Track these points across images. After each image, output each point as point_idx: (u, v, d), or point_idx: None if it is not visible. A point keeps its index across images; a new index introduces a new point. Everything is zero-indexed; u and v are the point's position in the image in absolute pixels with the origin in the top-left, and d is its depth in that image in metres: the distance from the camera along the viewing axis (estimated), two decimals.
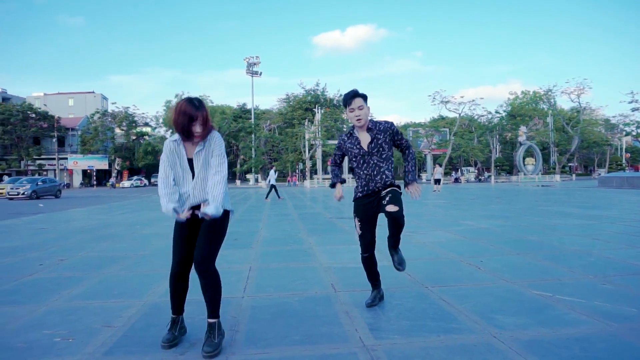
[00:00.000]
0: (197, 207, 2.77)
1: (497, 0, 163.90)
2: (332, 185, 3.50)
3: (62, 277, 4.66)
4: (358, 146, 3.24)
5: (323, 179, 45.48)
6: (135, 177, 54.99)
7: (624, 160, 66.69)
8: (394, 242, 3.30)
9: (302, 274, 4.60)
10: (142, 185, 52.80)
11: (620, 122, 57.94)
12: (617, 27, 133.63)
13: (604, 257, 5.07)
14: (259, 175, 52.67)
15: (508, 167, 62.67)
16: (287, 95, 64.94)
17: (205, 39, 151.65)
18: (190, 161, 2.72)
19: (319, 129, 48.14)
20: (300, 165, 54.63)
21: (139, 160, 57.83)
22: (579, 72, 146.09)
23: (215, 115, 62.10)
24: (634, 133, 59.02)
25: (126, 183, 52.26)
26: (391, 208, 3.04)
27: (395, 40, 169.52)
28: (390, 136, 3.23)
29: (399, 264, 3.28)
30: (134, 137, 58.81)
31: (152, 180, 56.24)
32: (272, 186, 18.81)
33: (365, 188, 3.24)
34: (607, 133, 60.03)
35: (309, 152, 49.74)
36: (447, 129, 58.63)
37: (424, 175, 57.84)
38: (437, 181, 24.82)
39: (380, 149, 3.19)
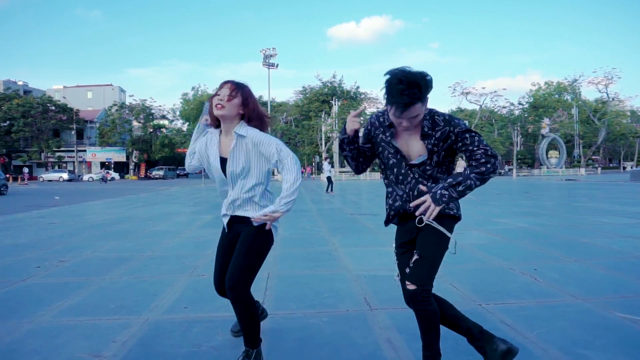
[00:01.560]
0: (238, 218, 2.30)
1: None
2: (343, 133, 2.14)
3: (58, 283, 4.14)
4: (394, 146, 2.07)
5: (340, 171, 44.78)
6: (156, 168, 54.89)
7: None
8: (424, 347, 2.11)
9: (329, 284, 3.98)
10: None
11: None
12: None
13: None
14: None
15: (530, 160, 60.87)
16: (304, 87, 64.10)
17: (221, 32, 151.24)
18: (222, 161, 2.30)
19: (336, 122, 47.34)
20: (317, 158, 53.99)
21: (155, 153, 57.98)
22: (605, 62, 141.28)
23: None
24: None
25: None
26: (409, 285, 1.98)
27: (411, 31, 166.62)
28: (451, 145, 2.01)
29: None
30: (151, 130, 58.93)
31: (177, 172, 56.65)
32: (328, 178, 19.20)
33: (401, 210, 2.13)
34: (635, 125, 57.78)
35: (325, 145, 49.04)
36: (466, 121, 57.21)
37: None
38: None
39: (428, 164, 2.04)
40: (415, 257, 2.01)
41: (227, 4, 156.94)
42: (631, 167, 49.86)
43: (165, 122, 63.86)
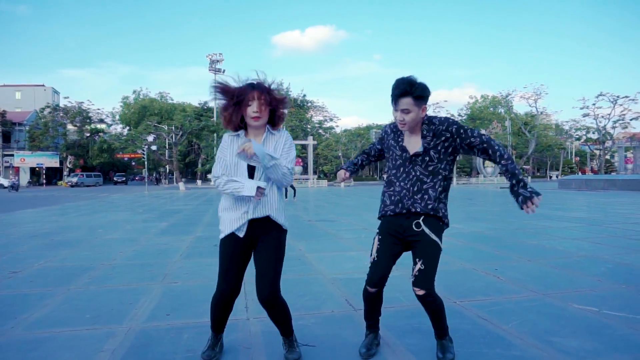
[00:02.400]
0: (255, 221, 2.28)
1: (453, 8, 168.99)
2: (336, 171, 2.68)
3: (18, 295, 3.87)
4: (402, 147, 2.37)
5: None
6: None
7: (574, 164, 70.16)
8: (437, 329, 2.42)
9: (307, 287, 4.04)
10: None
11: (572, 128, 60.75)
12: (572, 36, 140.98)
13: (619, 263, 4.83)
14: None
15: (468, 169, 64.29)
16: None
17: (163, 35, 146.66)
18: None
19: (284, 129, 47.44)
20: None
21: (93, 159, 54.88)
22: (534, 79, 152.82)
23: (176, 113, 60.04)
24: (583, 138, 62.00)
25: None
26: (418, 291, 2.24)
27: (355, 42, 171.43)
28: (450, 142, 2.28)
29: None
30: (88, 134, 55.75)
31: (115, 178, 53.59)
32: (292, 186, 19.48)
33: (399, 205, 2.32)
34: (560, 137, 62.87)
35: None
36: None
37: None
38: None
39: (428, 158, 2.29)
40: (419, 266, 2.25)
41: (169, 7, 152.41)
42: (557, 176, 54.15)
43: (104, 126, 60.71)
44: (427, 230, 2.26)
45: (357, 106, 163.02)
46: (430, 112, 2.40)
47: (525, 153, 58.70)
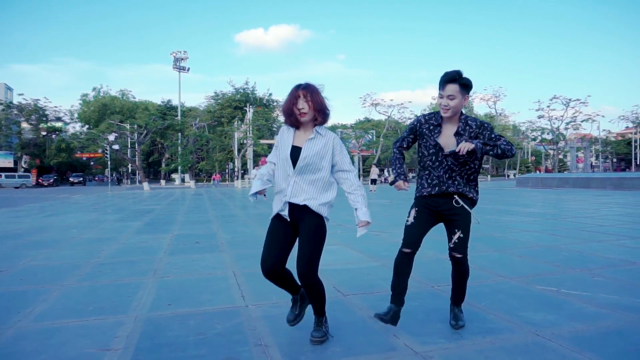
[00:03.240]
0: (294, 207, 2.52)
1: (416, 10, 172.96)
2: (392, 183, 2.83)
3: (13, 292, 3.94)
4: (437, 137, 2.67)
5: (251, 178, 44.63)
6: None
7: (530, 163, 73.57)
8: (457, 296, 2.87)
9: (296, 277, 4.30)
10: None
11: (528, 128, 63.60)
12: (528, 41, 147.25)
13: (574, 251, 5.37)
14: (187, 175, 50.36)
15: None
16: (216, 92, 62.88)
17: (122, 31, 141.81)
18: (295, 150, 2.51)
19: (250, 128, 47.19)
20: (231, 165, 53.21)
21: (50, 158, 52.74)
22: (493, 81, 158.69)
23: (138, 112, 58.54)
24: (538, 138, 65.05)
25: None
26: (457, 254, 2.72)
27: (319, 42, 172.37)
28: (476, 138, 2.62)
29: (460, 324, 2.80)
30: (45, 133, 53.48)
31: (71, 179, 51.40)
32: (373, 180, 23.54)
33: (436, 188, 2.69)
34: (517, 138, 65.70)
35: (239, 152, 48.58)
36: (374, 131, 60.55)
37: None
38: (373, 181, 25.37)
39: (460, 155, 2.56)
40: (459, 234, 2.71)
41: (126, 1, 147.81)
42: (514, 175, 56.58)
43: (61, 124, 58.34)
44: (465, 206, 2.68)
45: None
46: (394, 112, 2.75)
47: None
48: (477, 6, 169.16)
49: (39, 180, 49.14)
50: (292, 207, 2.52)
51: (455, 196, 2.70)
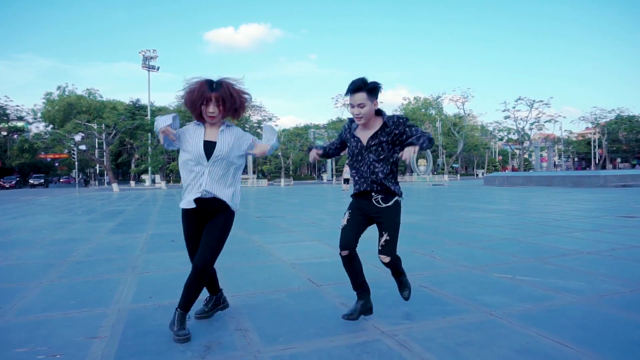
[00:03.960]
0: (206, 200, 2.69)
1: (386, 10, 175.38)
2: (308, 150, 3.18)
3: None
4: (357, 139, 2.84)
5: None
6: None
7: (497, 162, 75.93)
8: (401, 287, 3.05)
9: (272, 271, 4.51)
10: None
11: (495, 129, 65.67)
12: (495, 43, 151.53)
13: (532, 244, 5.78)
14: (157, 176, 49.51)
15: (403, 167, 67.24)
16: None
17: (86, 28, 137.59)
18: (207, 144, 2.70)
19: None
20: None
21: (12, 159, 50.89)
22: (462, 82, 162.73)
23: (106, 111, 57.17)
24: (505, 138, 67.24)
25: None
26: (384, 258, 2.81)
27: (290, 41, 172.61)
28: (397, 136, 2.75)
29: (407, 294, 3.02)
30: (5, 133, 51.55)
31: (31, 181, 49.63)
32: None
33: (361, 187, 2.84)
34: (485, 138, 67.77)
35: None
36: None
37: (324, 176, 59.79)
38: (346, 180, 25.75)
39: (380, 148, 2.76)
40: (385, 237, 2.79)
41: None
42: (482, 174, 58.37)
43: (23, 124, 56.33)
44: (386, 208, 2.79)
45: (294, 106, 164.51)
46: None
47: (454, 152, 62.58)
48: (449, 7, 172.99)
49: (0, 182, 47.31)
50: (205, 199, 2.71)
51: (374, 194, 2.82)
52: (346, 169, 26.38)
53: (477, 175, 70.87)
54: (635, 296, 3.37)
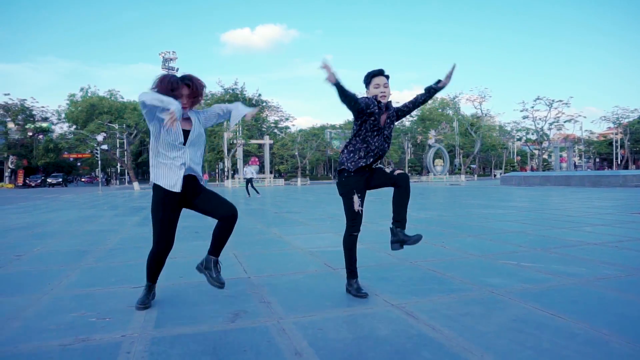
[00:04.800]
0: (188, 178, 3.01)
1: (402, 11, 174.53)
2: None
3: (36, 271, 4.40)
4: (379, 115, 3.14)
5: (242, 178, 44.97)
6: None
7: (515, 163, 75.02)
8: (398, 215, 3.20)
9: (290, 257, 4.84)
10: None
11: (513, 129, 64.91)
12: (514, 42, 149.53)
13: (539, 236, 5.98)
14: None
15: (419, 167, 67.07)
16: (205, 93, 62.92)
17: (106, 30, 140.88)
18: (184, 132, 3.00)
19: (240, 129, 47.56)
20: (221, 165, 53.46)
21: (38, 159, 52.45)
22: (479, 82, 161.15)
23: (127, 112, 58.42)
24: (523, 139, 66.40)
25: None
26: (400, 170, 3.18)
27: (306, 42, 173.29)
28: (395, 116, 3.31)
29: (415, 241, 3.15)
30: (31, 133, 53.17)
31: (49, 180, 51.12)
32: (248, 181, 19.08)
33: (370, 159, 3.15)
34: (503, 138, 67.03)
35: (229, 152, 48.90)
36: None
37: None
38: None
39: (392, 125, 3.26)
40: (398, 171, 3.20)
41: (111, 2, 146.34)
42: (500, 174, 57.79)
43: (48, 125, 57.97)
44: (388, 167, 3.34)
45: (310, 106, 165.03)
46: None
47: (471, 152, 62.10)
48: (465, 8, 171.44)
49: (26, 180, 48.96)
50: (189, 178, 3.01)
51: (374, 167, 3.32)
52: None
53: (494, 175, 70.14)
54: (631, 279, 3.58)
